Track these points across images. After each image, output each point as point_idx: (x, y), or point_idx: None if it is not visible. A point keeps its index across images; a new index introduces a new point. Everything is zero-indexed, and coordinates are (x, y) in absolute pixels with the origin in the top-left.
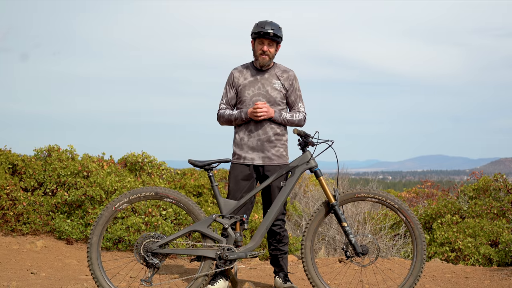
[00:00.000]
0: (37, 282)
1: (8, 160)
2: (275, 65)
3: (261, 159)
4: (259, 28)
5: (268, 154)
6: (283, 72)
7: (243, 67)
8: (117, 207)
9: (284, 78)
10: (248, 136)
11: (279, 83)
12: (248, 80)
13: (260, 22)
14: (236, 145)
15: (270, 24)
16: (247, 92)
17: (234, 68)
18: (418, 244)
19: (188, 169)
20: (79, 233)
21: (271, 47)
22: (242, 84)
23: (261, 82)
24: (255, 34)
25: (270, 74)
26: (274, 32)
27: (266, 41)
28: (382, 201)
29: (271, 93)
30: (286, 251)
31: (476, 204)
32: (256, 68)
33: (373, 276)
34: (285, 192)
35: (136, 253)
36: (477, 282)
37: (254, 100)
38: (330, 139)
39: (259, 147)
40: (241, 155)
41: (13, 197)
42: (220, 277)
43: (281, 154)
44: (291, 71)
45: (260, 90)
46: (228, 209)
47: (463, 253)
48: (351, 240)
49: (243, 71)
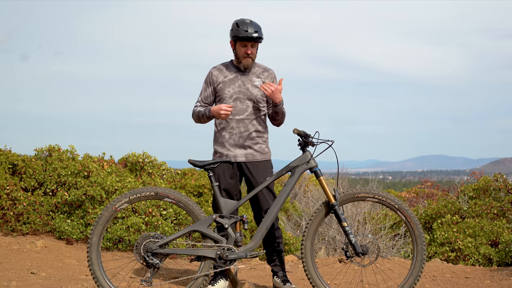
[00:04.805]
0: (37, 282)
1: (8, 160)
2: (255, 64)
3: (244, 156)
4: (242, 32)
5: (251, 150)
6: (263, 70)
7: (223, 65)
8: (117, 207)
9: (265, 77)
10: (229, 133)
11: (259, 81)
12: (228, 78)
13: (240, 24)
14: (217, 143)
15: (251, 25)
16: (227, 89)
17: (213, 66)
18: (418, 244)
19: (189, 169)
20: (79, 233)
21: (253, 48)
22: (222, 81)
23: (241, 80)
24: (237, 38)
25: (251, 72)
26: (259, 35)
27: (249, 44)
28: (382, 201)
29: (252, 90)
30: (282, 250)
31: (476, 204)
32: (236, 66)
33: (373, 276)
34: (285, 192)
35: (136, 253)
36: (477, 282)
37: (235, 98)
38: (330, 139)
39: (241, 144)
40: (223, 153)
41: (13, 197)
42: (220, 277)
43: (263, 150)
44: (271, 70)
45: (240, 88)
46: (228, 209)
47: (463, 253)
48: (351, 240)
49: (222, 70)
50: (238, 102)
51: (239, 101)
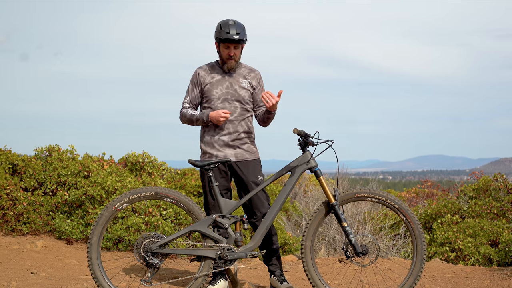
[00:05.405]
0: (37, 282)
1: (8, 160)
2: (240, 65)
3: (234, 156)
4: (223, 34)
5: (240, 150)
6: (249, 71)
7: (209, 66)
8: (117, 207)
9: (251, 77)
10: (219, 134)
11: (246, 82)
12: (216, 79)
13: (223, 25)
14: (205, 144)
15: (234, 27)
16: (215, 91)
17: (199, 67)
18: (418, 244)
19: (189, 169)
20: (79, 233)
21: (236, 50)
22: (209, 82)
23: (229, 81)
24: (220, 40)
25: (237, 73)
26: (240, 37)
27: (232, 45)
28: (382, 201)
29: (239, 91)
30: (277, 248)
31: (476, 204)
32: (222, 67)
33: (373, 276)
34: (285, 192)
35: (136, 253)
36: (477, 282)
37: (223, 99)
38: (330, 139)
39: (230, 144)
40: (212, 153)
41: (13, 197)
42: (220, 277)
43: (252, 150)
44: (257, 71)
45: (228, 89)
46: (228, 209)
47: (463, 253)
48: (351, 240)
49: (208, 70)
50: (226, 103)
51: (227, 102)
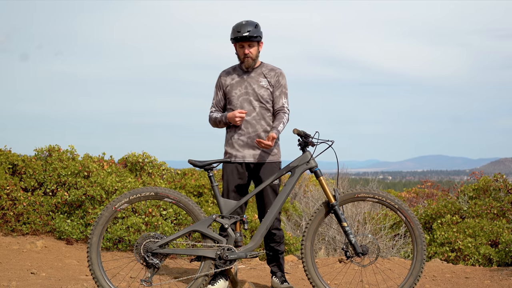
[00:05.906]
0: (37, 282)
1: (8, 160)
2: (262, 64)
3: (252, 157)
4: (235, 33)
5: (259, 151)
6: (270, 70)
7: (231, 68)
8: (117, 207)
9: (271, 76)
10: (238, 134)
11: (265, 81)
12: (235, 80)
13: (236, 26)
14: (227, 144)
15: (245, 26)
16: (234, 91)
17: (222, 70)
18: (418, 244)
19: (189, 169)
20: (79, 233)
21: (251, 48)
22: (229, 84)
23: (247, 81)
24: (233, 40)
25: (257, 73)
26: (250, 34)
27: (246, 44)
28: (382, 201)
29: (258, 91)
30: (282, 251)
31: (476, 204)
32: (243, 69)
33: (373, 276)
34: (285, 192)
35: (136, 253)
36: (477, 282)
37: (242, 100)
38: (330, 139)
39: (249, 145)
40: (232, 153)
41: (13, 197)
42: (220, 277)
43: (272, 151)
44: (279, 69)
45: (247, 89)
46: (228, 209)
47: (463, 253)
48: (351, 240)
49: (230, 72)
50: (245, 103)
51: (246, 102)
